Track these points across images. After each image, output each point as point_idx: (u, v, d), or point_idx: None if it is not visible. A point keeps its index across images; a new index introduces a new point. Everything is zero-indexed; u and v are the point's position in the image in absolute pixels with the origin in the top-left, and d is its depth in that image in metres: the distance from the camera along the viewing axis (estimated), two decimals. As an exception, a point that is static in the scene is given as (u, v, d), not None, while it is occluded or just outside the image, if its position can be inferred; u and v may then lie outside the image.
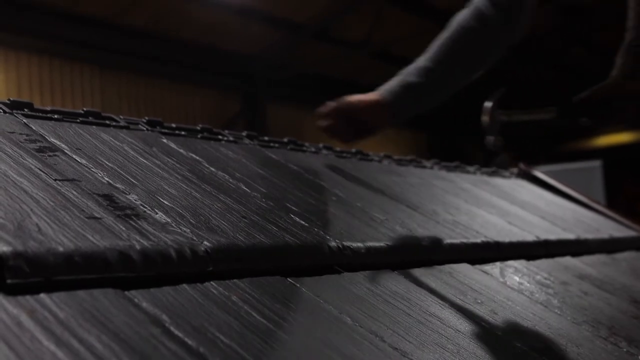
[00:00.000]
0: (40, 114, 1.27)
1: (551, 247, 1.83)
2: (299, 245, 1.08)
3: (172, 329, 0.70)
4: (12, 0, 7.05)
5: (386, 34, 9.09)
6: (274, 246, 1.03)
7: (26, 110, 1.27)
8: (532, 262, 1.64)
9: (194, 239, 0.93)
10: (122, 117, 1.46)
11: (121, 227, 0.87)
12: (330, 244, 1.13)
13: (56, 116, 1.29)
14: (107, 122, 1.39)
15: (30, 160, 1.00)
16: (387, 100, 1.62)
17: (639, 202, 9.80)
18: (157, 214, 0.98)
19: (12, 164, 0.96)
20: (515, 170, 3.02)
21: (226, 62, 9.27)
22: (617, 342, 1.25)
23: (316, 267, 1.07)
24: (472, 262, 1.44)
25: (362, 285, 1.06)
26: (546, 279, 1.54)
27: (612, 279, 1.77)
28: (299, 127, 9.10)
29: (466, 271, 1.36)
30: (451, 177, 2.36)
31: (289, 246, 1.06)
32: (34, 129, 1.18)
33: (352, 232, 1.25)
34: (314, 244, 1.11)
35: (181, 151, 1.39)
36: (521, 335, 1.11)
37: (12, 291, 0.66)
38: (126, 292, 0.75)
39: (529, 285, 1.44)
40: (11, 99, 1.28)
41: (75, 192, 0.94)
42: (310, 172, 1.64)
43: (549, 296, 1.41)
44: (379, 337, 0.88)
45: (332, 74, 10.12)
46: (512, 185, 2.67)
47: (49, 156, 1.06)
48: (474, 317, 1.11)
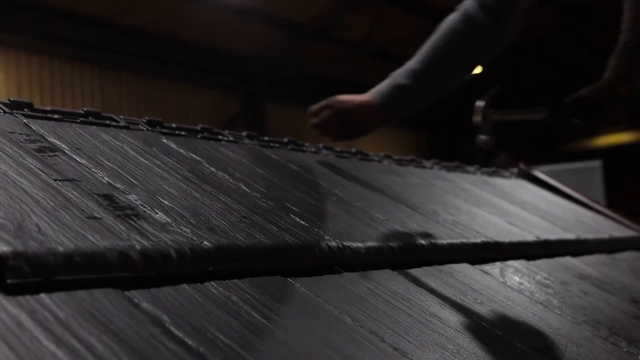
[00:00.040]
0: (40, 114, 1.27)
1: (551, 247, 1.83)
2: (299, 245, 1.08)
3: (172, 329, 0.70)
4: (12, 0, 7.05)
5: (386, 34, 9.10)
6: (274, 246, 1.03)
7: (26, 110, 1.27)
8: (532, 262, 1.64)
9: (194, 239, 0.93)
10: (122, 117, 1.46)
11: (121, 227, 0.87)
12: (330, 244, 1.13)
13: (56, 116, 1.29)
14: (107, 122, 1.39)
15: (30, 160, 1.00)
16: (377, 102, 1.64)
17: (639, 202, 9.81)
18: (157, 214, 0.98)
19: (12, 164, 0.96)
20: (515, 170, 3.02)
21: (226, 62, 9.27)
22: (617, 342, 1.25)
23: (316, 267, 1.07)
24: (472, 262, 1.44)
25: (362, 285, 1.06)
26: (546, 279, 1.54)
27: (612, 279, 1.77)
28: (299, 127, 9.08)
29: (466, 271, 1.36)
30: (451, 177, 2.36)
31: (289, 246, 1.06)
32: (34, 129, 1.18)
33: (352, 232, 1.25)
34: (314, 244, 1.11)
35: (181, 151, 1.39)
36: (521, 335, 1.11)
37: (12, 291, 0.66)
38: (126, 292, 0.75)
39: (529, 285, 1.44)
40: (11, 99, 1.28)
41: (75, 192, 0.94)
42: (310, 172, 1.64)
43: (549, 296, 1.41)
44: (379, 337, 0.88)
45: (332, 74, 10.13)
46: (512, 185, 2.67)
47: (49, 156, 1.06)
48: (474, 317, 1.11)
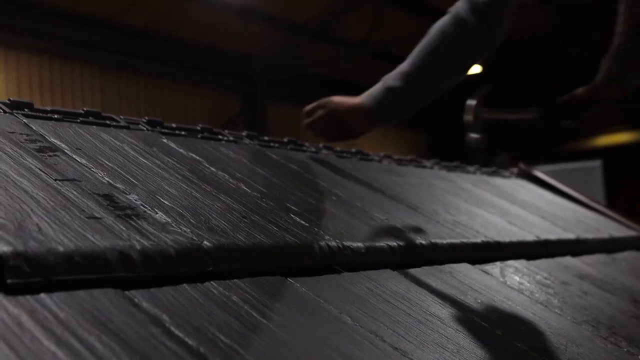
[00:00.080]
0: (40, 114, 1.27)
1: (551, 246, 1.83)
2: (299, 245, 1.08)
3: (172, 329, 0.70)
4: (12, 0, 7.05)
5: (386, 34, 9.10)
6: (274, 246, 1.03)
7: (26, 110, 1.27)
8: (532, 262, 1.64)
9: (194, 238, 0.93)
10: (122, 117, 1.46)
11: (121, 227, 0.87)
12: (330, 243, 1.13)
13: (56, 116, 1.29)
14: (107, 122, 1.39)
15: (30, 160, 1.00)
16: (369, 105, 1.65)
17: (639, 202, 9.81)
18: (157, 213, 0.98)
19: (12, 164, 0.96)
20: (515, 170, 3.02)
21: (226, 62, 9.27)
22: (618, 341, 1.25)
23: (316, 267, 1.07)
24: (472, 262, 1.44)
25: (362, 285, 1.06)
26: (546, 278, 1.54)
27: (612, 278, 1.77)
28: (299, 127, 9.05)
29: (466, 271, 1.36)
30: (451, 177, 2.36)
31: (289, 246, 1.06)
32: (34, 129, 1.18)
33: (352, 232, 1.25)
34: (314, 244, 1.11)
35: (181, 151, 1.39)
36: (521, 335, 1.11)
37: (13, 291, 0.66)
38: (126, 292, 0.75)
39: (529, 285, 1.44)
40: (11, 99, 1.28)
41: (75, 192, 0.94)
42: (310, 172, 1.64)
43: (549, 296, 1.41)
44: (379, 337, 0.88)
45: (332, 74, 10.14)
46: (512, 185, 2.67)
47: (49, 156, 1.06)
48: (474, 317, 1.11)
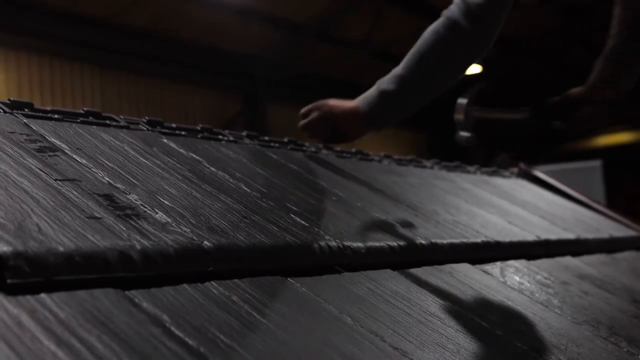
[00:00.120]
0: (40, 114, 1.27)
1: (551, 246, 1.83)
2: (299, 245, 1.08)
3: (172, 328, 0.70)
4: (12, 0, 7.05)
5: (386, 34, 9.11)
6: (274, 246, 1.03)
7: (26, 110, 1.27)
8: (532, 262, 1.64)
9: (194, 238, 0.93)
10: (122, 117, 1.46)
11: (121, 227, 0.87)
12: (330, 243, 1.13)
13: (56, 116, 1.29)
14: (107, 122, 1.39)
15: (30, 160, 1.00)
16: (363, 109, 1.66)
17: (639, 202, 9.82)
18: (157, 213, 0.98)
19: (12, 164, 0.96)
20: (515, 170, 3.02)
21: (226, 62, 9.27)
22: (618, 341, 1.25)
23: (316, 267, 1.07)
24: (473, 261, 1.44)
25: (362, 285, 1.06)
26: (546, 278, 1.54)
27: (612, 278, 1.77)
28: (299, 127, 9.09)
29: (466, 271, 1.36)
30: (451, 177, 2.36)
31: (289, 246, 1.06)
32: (34, 129, 1.18)
33: (352, 232, 1.25)
34: (315, 244, 1.11)
35: (181, 151, 1.39)
36: (521, 335, 1.11)
37: (13, 291, 0.66)
38: (126, 292, 0.75)
39: (529, 285, 1.44)
40: (11, 99, 1.28)
41: (75, 192, 0.94)
42: (310, 172, 1.64)
43: (549, 296, 1.41)
44: (379, 337, 0.88)
45: (332, 74, 10.13)
46: (512, 185, 2.67)
47: (49, 156, 1.06)
48: (474, 317, 1.10)
